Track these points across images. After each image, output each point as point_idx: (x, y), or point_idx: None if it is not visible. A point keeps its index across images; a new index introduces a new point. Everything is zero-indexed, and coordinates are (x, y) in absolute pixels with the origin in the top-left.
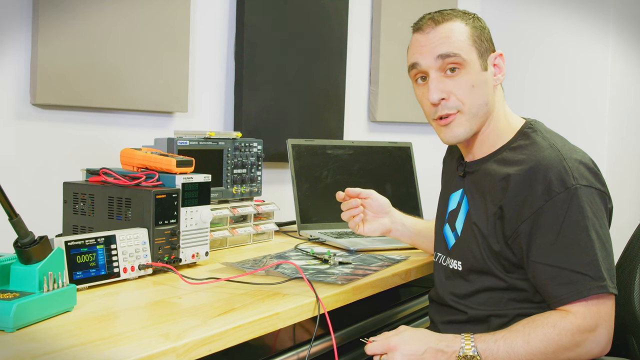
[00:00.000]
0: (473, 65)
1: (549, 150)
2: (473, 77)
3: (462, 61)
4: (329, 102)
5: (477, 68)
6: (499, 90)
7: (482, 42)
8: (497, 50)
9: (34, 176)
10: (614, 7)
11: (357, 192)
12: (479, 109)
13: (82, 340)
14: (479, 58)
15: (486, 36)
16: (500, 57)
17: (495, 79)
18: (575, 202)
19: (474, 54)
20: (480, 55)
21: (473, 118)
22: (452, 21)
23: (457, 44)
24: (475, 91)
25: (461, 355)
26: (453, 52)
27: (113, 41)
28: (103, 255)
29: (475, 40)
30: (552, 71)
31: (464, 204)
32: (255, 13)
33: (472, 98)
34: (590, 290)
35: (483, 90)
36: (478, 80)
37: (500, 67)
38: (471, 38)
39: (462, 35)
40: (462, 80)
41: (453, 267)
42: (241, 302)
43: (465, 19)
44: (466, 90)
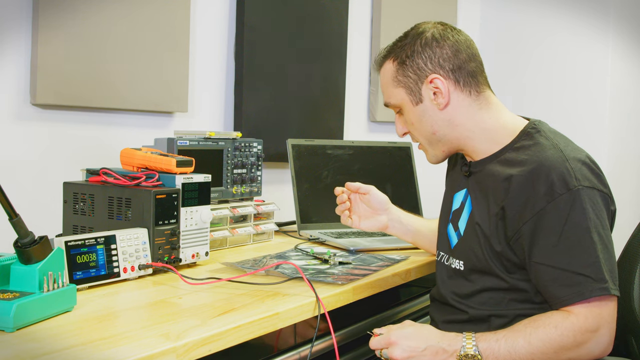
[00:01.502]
0: (405, 104)
1: (551, 150)
2: (410, 115)
3: (396, 105)
4: (329, 102)
5: (409, 106)
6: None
7: (407, 78)
8: (433, 74)
9: (34, 176)
10: (614, 7)
11: (357, 187)
12: (430, 138)
13: (82, 340)
14: (408, 94)
15: (415, 66)
16: (437, 80)
17: (437, 103)
18: (577, 204)
19: (401, 93)
20: (410, 91)
21: (432, 146)
22: (385, 62)
23: (387, 92)
24: (417, 126)
25: (462, 354)
26: (387, 101)
27: (113, 41)
28: (103, 255)
29: (399, 79)
30: (552, 71)
31: (467, 204)
32: (255, 13)
33: (419, 132)
34: (592, 292)
35: (424, 122)
36: (415, 116)
37: (438, 90)
38: (395, 80)
39: (388, 80)
40: (405, 119)
41: (455, 266)
42: (241, 302)
43: (396, 52)
44: (411, 127)
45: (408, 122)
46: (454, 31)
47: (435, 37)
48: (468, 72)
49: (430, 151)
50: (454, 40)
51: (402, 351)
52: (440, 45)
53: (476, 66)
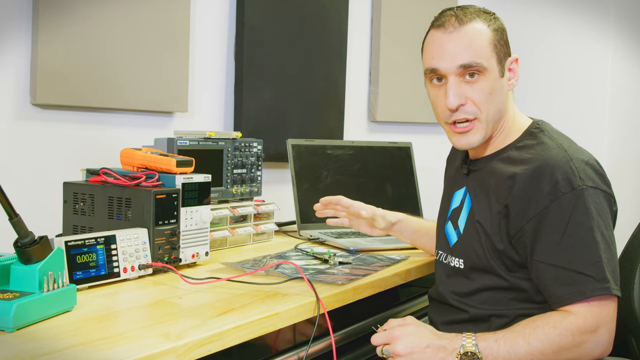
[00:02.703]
0: (492, 72)
1: (556, 150)
2: (491, 85)
3: (483, 69)
4: (329, 102)
5: (495, 75)
6: (510, 93)
7: (501, 47)
8: (512, 54)
9: (34, 176)
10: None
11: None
12: (494, 116)
13: (82, 340)
14: (498, 64)
15: (505, 39)
16: (515, 62)
17: (510, 84)
18: (581, 203)
19: (493, 60)
20: (499, 61)
21: (488, 125)
22: (475, 22)
23: (479, 52)
24: (492, 98)
25: (462, 352)
26: (476, 61)
27: (113, 41)
28: (103, 255)
29: (496, 45)
30: (552, 71)
31: (466, 202)
32: (255, 13)
33: (489, 105)
34: (593, 291)
35: (499, 97)
36: (495, 87)
37: (514, 72)
38: (492, 43)
39: (484, 41)
40: (481, 86)
41: (454, 265)
42: (241, 302)
43: (487, 20)
44: (484, 98)
45: (484, 91)
46: None
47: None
48: None
49: (483, 131)
50: None
51: (404, 347)
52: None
53: None
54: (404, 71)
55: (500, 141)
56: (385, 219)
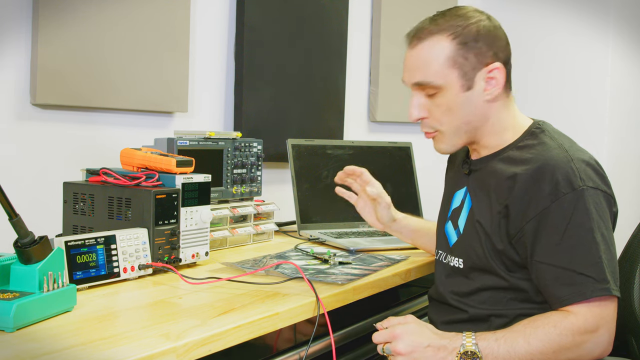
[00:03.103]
0: (451, 88)
1: (556, 150)
2: (450, 100)
3: (437, 87)
4: (329, 102)
5: (455, 91)
6: (500, 99)
7: (466, 60)
8: (496, 62)
9: (34, 176)
10: (614, 7)
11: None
12: (458, 129)
13: (82, 340)
14: (461, 78)
15: (477, 50)
16: (497, 70)
17: (487, 93)
18: (581, 204)
19: (453, 75)
20: (463, 75)
21: (454, 136)
22: (434, 37)
23: (431, 71)
24: (452, 113)
25: (462, 352)
26: (426, 81)
27: (113, 41)
28: (103, 255)
29: (457, 60)
30: (552, 71)
31: (467, 202)
32: (255, 13)
33: (450, 120)
34: (593, 292)
35: (462, 111)
36: (456, 102)
37: (496, 80)
38: (451, 59)
39: (439, 59)
40: (439, 102)
41: (454, 264)
42: (241, 302)
43: (455, 31)
44: (443, 113)
45: (442, 107)
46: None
47: (494, 24)
48: (510, 67)
49: (449, 140)
50: (503, 31)
51: (405, 346)
52: (497, 34)
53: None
54: None
55: (498, 142)
56: (389, 210)
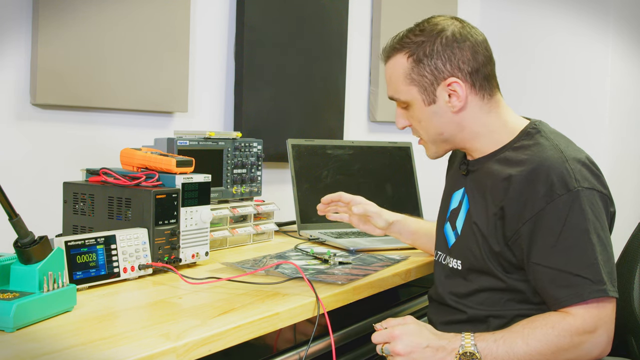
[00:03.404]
0: (415, 102)
1: (551, 151)
2: (418, 114)
3: (404, 101)
4: (329, 102)
5: (419, 105)
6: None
7: (422, 77)
8: (452, 77)
9: (34, 176)
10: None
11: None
12: (435, 138)
13: (82, 340)
14: (421, 94)
15: (433, 66)
16: (455, 84)
17: (450, 106)
18: (577, 205)
19: (413, 91)
20: (423, 89)
21: (433, 145)
22: (396, 55)
23: (395, 87)
24: (424, 125)
25: (461, 353)
26: (394, 95)
27: (113, 41)
28: (103, 255)
29: (413, 77)
30: (552, 71)
31: (464, 203)
32: (255, 13)
33: (425, 130)
34: (590, 293)
35: (432, 123)
36: (423, 115)
37: (456, 93)
38: (409, 77)
39: (399, 75)
40: (411, 115)
41: (453, 266)
42: (241, 302)
43: (411, 48)
44: (417, 124)
45: (414, 119)
46: (472, 30)
47: (456, 37)
48: (484, 75)
49: (432, 148)
50: (473, 41)
51: (404, 346)
52: (460, 47)
53: (491, 69)
54: None
55: (492, 143)
56: (381, 216)
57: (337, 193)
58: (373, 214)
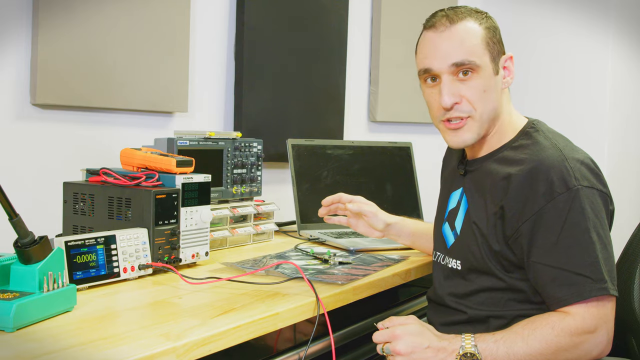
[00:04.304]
0: (486, 69)
1: (551, 150)
2: (485, 82)
3: (476, 67)
4: (329, 102)
5: (489, 72)
6: (506, 92)
7: (494, 45)
8: (507, 52)
9: (34, 176)
10: (614, 7)
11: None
12: (489, 114)
13: (82, 340)
14: (492, 62)
15: (498, 37)
16: (510, 59)
17: (504, 82)
18: (577, 203)
19: (487, 58)
20: (493, 58)
21: (483, 124)
22: (466, 20)
23: (471, 49)
24: (486, 96)
25: (461, 354)
26: (468, 59)
27: (113, 41)
28: (103, 255)
29: (488, 43)
30: (552, 71)
31: (463, 203)
32: (255, 13)
33: (484, 103)
34: (591, 292)
35: (494, 95)
36: (489, 84)
37: (509, 70)
38: (484, 41)
39: (476, 39)
40: (474, 84)
41: (452, 266)
42: (241, 302)
43: (479, 18)
44: (478, 95)
45: (478, 89)
46: None
47: None
48: None
49: (477, 128)
50: None
51: (405, 346)
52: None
53: None
54: (404, 71)
55: (496, 141)
56: (378, 217)
57: (337, 194)
58: (370, 214)
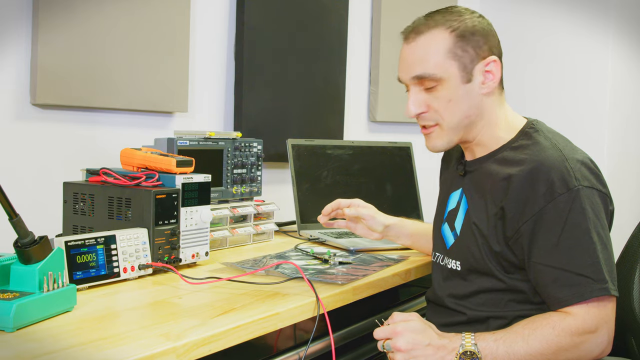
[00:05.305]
0: (451, 80)
1: (551, 150)
2: (450, 92)
3: (438, 79)
4: (329, 102)
5: (455, 82)
6: (495, 94)
7: (465, 53)
8: (492, 55)
9: (34, 176)
10: (614, 7)
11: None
12: (458, 123)
13: (82, 340)
14: (461, 71)
15: (475, 43)
16: (493, 63)
17: (484, 87)
18: (577, 204)
19: (453, 68)
20: (463, 67)
21: (452, 131)
22: (435, 30)
23: (432, 63)
24: (452, 106)
25: (461, 352)
26: (427, 73)
27: (113, 41)
28: (103, 255)
29: (456, 53)
30: (552, 71)
31: (463, 203)
32: (255, 13)
33: (450, 113)
34: (592, 292)
35: (463, 104)
36: (456, 94)
37: (493, 73)
38: (451, 51)
39: (439, 50)
40: (439, 95)
41: (451, 267)
42: (241, 302)
43: (452, 25)
44: (444, 106)
45: (443, 100)
46: None
47: (487, 21)
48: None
49: (446, 135)
50: (495, 30)
51: (406, 343)
52: (492, 31)
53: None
54: None
55: (492, 143)
56: (376, 220)
57: (336, 201)
58: (367, 217)
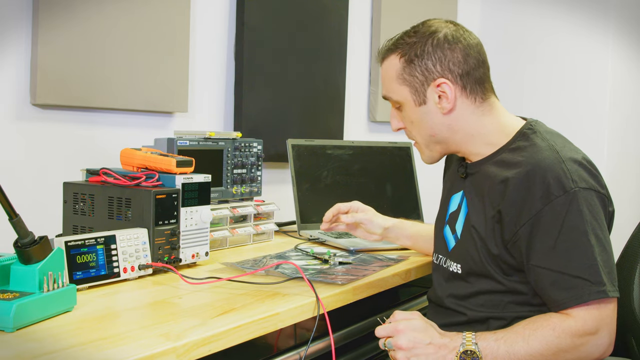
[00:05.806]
0: (406, 103)
1: (547, 152)
2: (410, 114)
3: (397, 101)
4: (329, 102)
5: (411, 105)
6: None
7: (413, 77)
8: (441, 78)
9: (34, 176)
10: (614, 7)
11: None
12: (428, 140)
13: (82, 340)
14: (412, 94)
15: (424, 67)
16: (445, 84)
17: (440, 107)
18: (574, 206)
19: (405, 91)
20: (414, 91)
21: (426, 148)
22: (391, 55)
23: (388, 87)
24: (415, 126)
25: (462, 351)
26: (387, 95)
27: (113, 41)
28: (103, 255)
29: (405, 78)
30: (552, 71)
31: (463, 206)
32: (255, 13)
33: (417, 132)
34: (590, 295)
35: (424, 124)
36: (414, 116)
37: (446, 94)
38: (400, 77)
39: (391, 76)
40: (404, 115)
41: (453, 269)
42: (241, 302)
43: (404, 49)
44: (409, 125)
45: (407, 120)
46: (465, 33)
47: (448, 39)
48: (475, 78)
49: (426, 152)
50: (465, 44)
51: (407, 341)
52: (451, 48)
53: (484, 73)
54: None
55: (488, 147)
56: (374, 223)
57: (335, 206)
58: (365, 222)
